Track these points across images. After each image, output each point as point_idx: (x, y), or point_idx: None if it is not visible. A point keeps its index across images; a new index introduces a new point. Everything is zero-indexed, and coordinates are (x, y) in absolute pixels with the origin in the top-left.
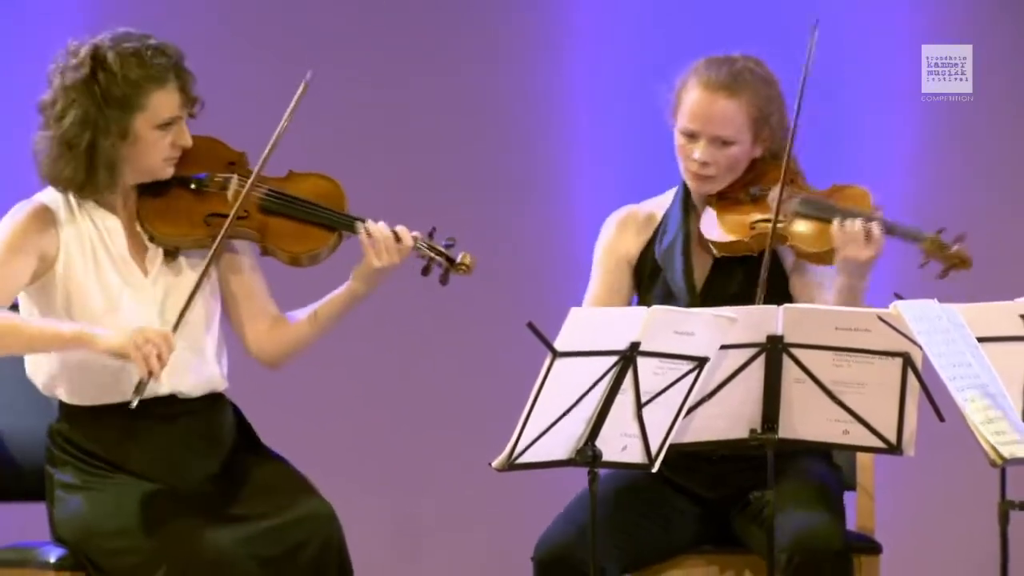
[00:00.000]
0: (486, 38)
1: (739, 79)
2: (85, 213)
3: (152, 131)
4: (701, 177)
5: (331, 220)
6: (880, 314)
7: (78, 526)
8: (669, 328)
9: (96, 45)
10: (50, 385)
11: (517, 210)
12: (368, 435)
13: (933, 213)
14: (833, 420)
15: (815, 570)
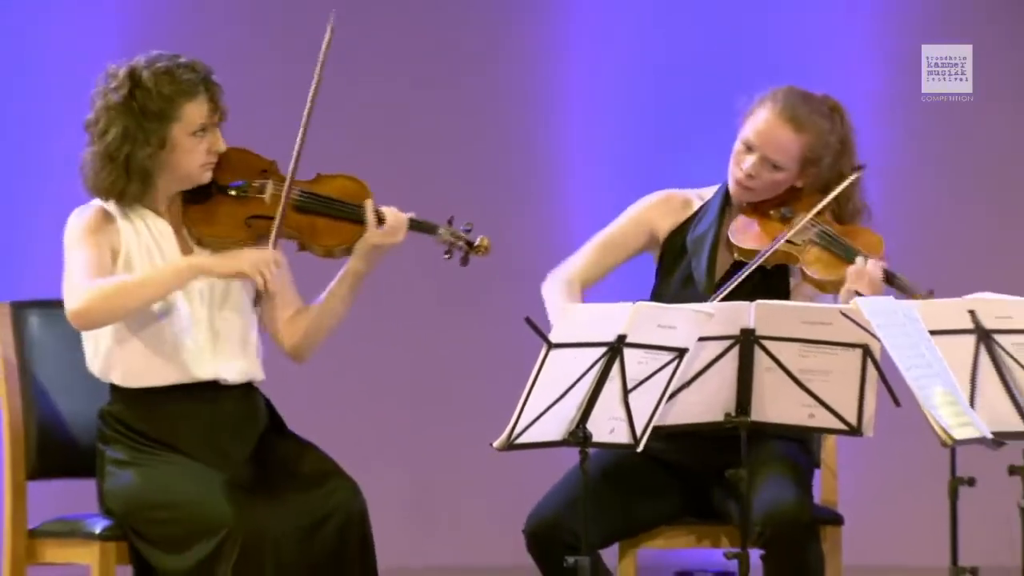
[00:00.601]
0: (488, 46)
1: (809, 120)
2: (139, 217)
3: (188, 138)
4: (744, 186)
5: (359, 215)
6: (842, 310)
7: (126, 498)
8: (652, 322)
9: (132, 67)
10: (106, 370)
11: (516, 210)
12: (383, 420)
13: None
14: (800, 405)
15: (785, 539)
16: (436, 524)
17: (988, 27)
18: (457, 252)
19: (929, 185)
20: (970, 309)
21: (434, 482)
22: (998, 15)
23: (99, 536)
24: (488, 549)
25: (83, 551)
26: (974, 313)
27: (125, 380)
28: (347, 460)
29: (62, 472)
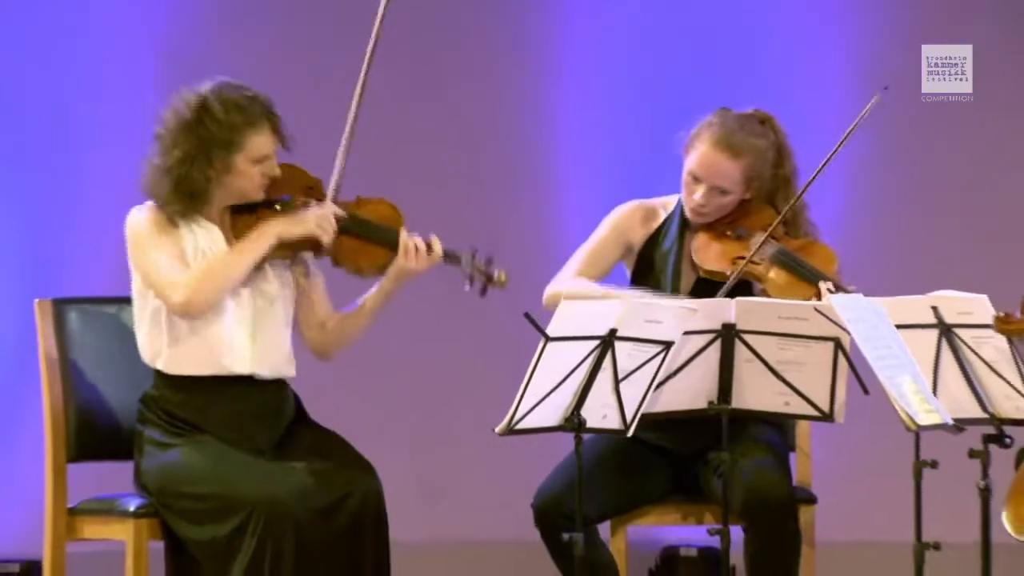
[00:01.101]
0: (485, 71)
1: (745, 143)
2: (193, 223)
3: (249, 165)
4: (697, 213)
5: (392, 240)
6: (815, 306)
7: (162, 476)
8: (641, 317)
9: (203, 96)
10: (154, 357)
11: (516, 219)
12: (398, 410)
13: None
14: (776, 393)
15: (766, 516)
16: (443, 502)
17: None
18: (478, 283)
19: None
20: (933, 305)
21: (442, 464)
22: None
23: (133, 514)
24: (490, 525)
25: (119, 528)
26: (936, 309)
27: (168, 367)
28: (365, 446)
29: (99, 455)
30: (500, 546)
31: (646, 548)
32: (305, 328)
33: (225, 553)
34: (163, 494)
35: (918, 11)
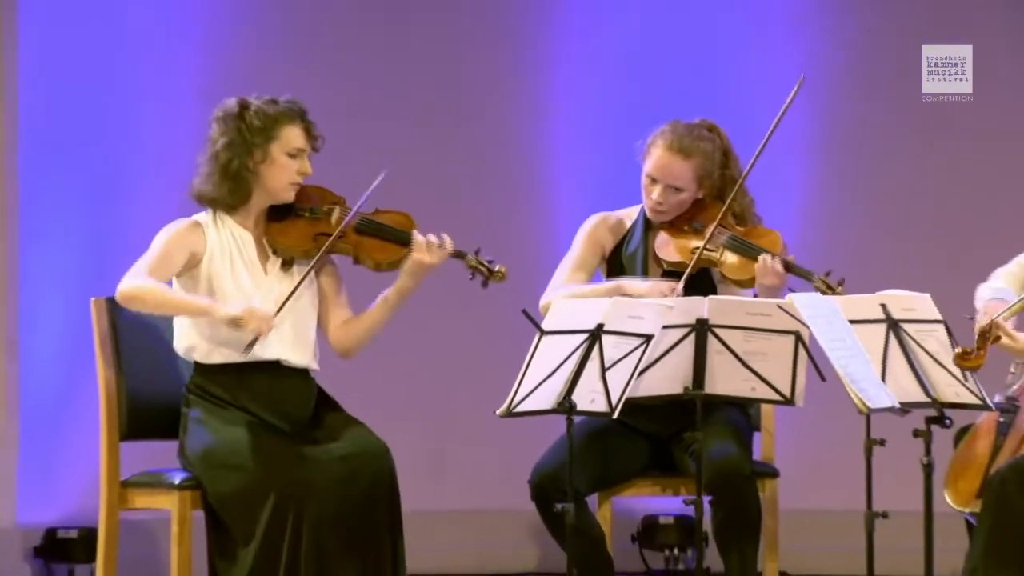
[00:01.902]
0: (487, 91)
1: (694, 146)
2: (227, 228)
3: (283, 157)
4: (657, 211)
5: (405, 239)
6: (779, 303)
7: (203, 449)
8: (625, 314)
9: (242, 97)
10: (189, 351)
11: (515, 227)
12: (409, 395)
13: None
14: (744, 380)
15: (730, 487)
16: (449, 476)
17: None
18: (479, 276)
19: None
20: (881, 303)
21: (448, 443)
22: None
23: (178, 486)
24: (491, 496)
25: (165, 498)
26: (885, 306)
27: (204, 358)
28: (379, 427)
29: (147, 434)
30: (499, 515)
31: (629, 517)
32: (329, 328)
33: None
34: (203, 465)
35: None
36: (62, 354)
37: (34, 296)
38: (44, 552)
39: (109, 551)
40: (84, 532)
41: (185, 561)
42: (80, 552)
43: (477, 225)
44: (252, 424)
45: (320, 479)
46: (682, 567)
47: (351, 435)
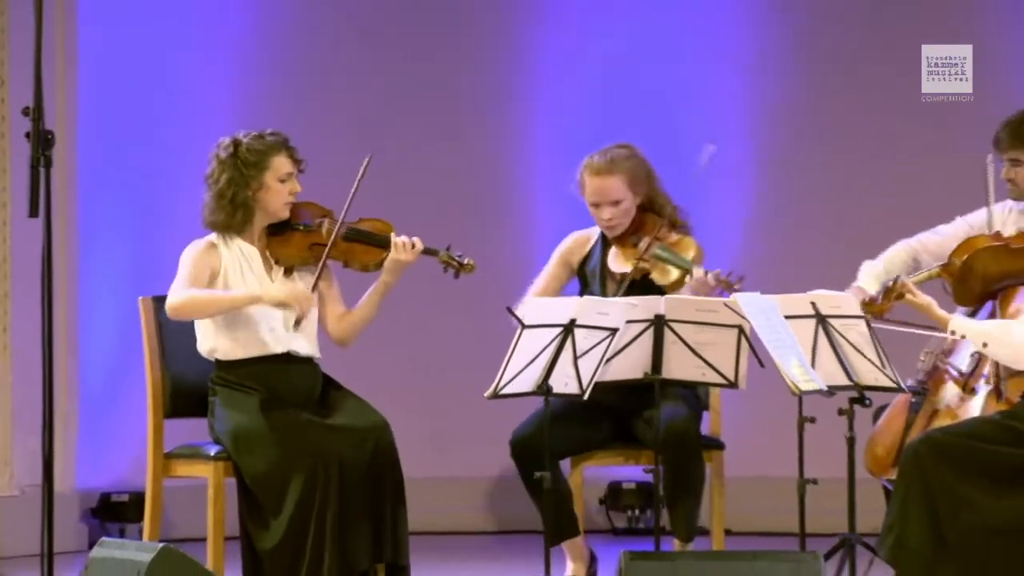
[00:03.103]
0: (472, 107)
1: (613, 162)
2: (236, 245)
3: (276, 182)
4: (610, 228)
5: (385, 243)
6: (724, 302)
7: (229, 432)
8: (594, 310)
9: (235, 137)
10: (211, 352)
11: (497, 234)
12: (406, 378)
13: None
14: (695, 366)
15: (678, 448)
16: (443, 447)
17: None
18: (451, 270)
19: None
20: (812, 301)
21: (442, 420)
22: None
23: (214, 457)
24: (479, 464)
25: (203, 468)
26: (815, 304)
27: (225, 356)
28: (382, 405)
29: (186, 413)
30: (487, 480)
31: (597, 483)
32: (328, 322)
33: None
34: (233, 446)
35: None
36: (114, 346)
37: (91, 296)
38: (99, 513)
39: (155, 512)
40: (134, 496)
41: (219, 521)
42: (130, 513)
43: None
44: (270, 407)
45: (334, 451)
46: (642, 526)
47: (355, 412)
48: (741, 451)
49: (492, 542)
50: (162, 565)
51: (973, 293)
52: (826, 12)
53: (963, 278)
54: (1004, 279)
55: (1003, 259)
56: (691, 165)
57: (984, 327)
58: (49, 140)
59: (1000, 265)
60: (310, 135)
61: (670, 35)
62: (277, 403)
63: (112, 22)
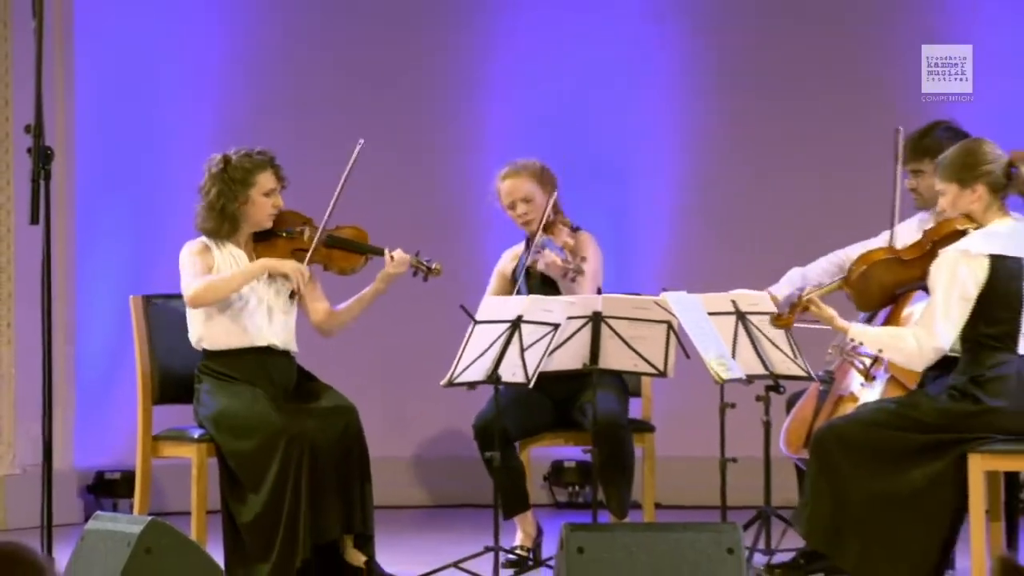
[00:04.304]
0: (439, 135)
1: (519, 165)
2: (226, 249)
3: (261, 197)
4: (526, 222)
5: (361, 249)
6: (655, 300)
7: (213, 416)
8: (539, 307)
9: (226, 154)
10: (199, 341)
11: (456, 239)
12: (373, 367)
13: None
14: (629, 358)
15: (612, 435)
16: (405, 430)
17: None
18: (421, 273)
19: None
20: (732, 299)
21: (403, 405)
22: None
23: (197, 440)
24: (439, 445)
25: (187, 449)
26: (735, 302)
27: (212, 346)
28: (349, 391)
29: (173, 400)
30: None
31: (541, 462)
32: (315, 317)
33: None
34: (216, 428)
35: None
36: (108, 340)
37: (87, 295)
38: (95, 490)
39: (144, 489)
40: (125, 474)
41: (202, 497)
42: (122, 490)
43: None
44: (251, 393)
45: (308, 433)
46: (581, 500)
47: (326, 398)
48: (670, 433)
49: (447, 515)
50: (151, 536)
51: (873, 302)
52: (755, 32)
53: (862, 289)
54: (899, 287)
55: (896, 270)
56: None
57: (879, 335)
58: (49, 155)
59: (894, 275)
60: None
61: (612, 57)
62: (257, 390)
63: (106, 47)
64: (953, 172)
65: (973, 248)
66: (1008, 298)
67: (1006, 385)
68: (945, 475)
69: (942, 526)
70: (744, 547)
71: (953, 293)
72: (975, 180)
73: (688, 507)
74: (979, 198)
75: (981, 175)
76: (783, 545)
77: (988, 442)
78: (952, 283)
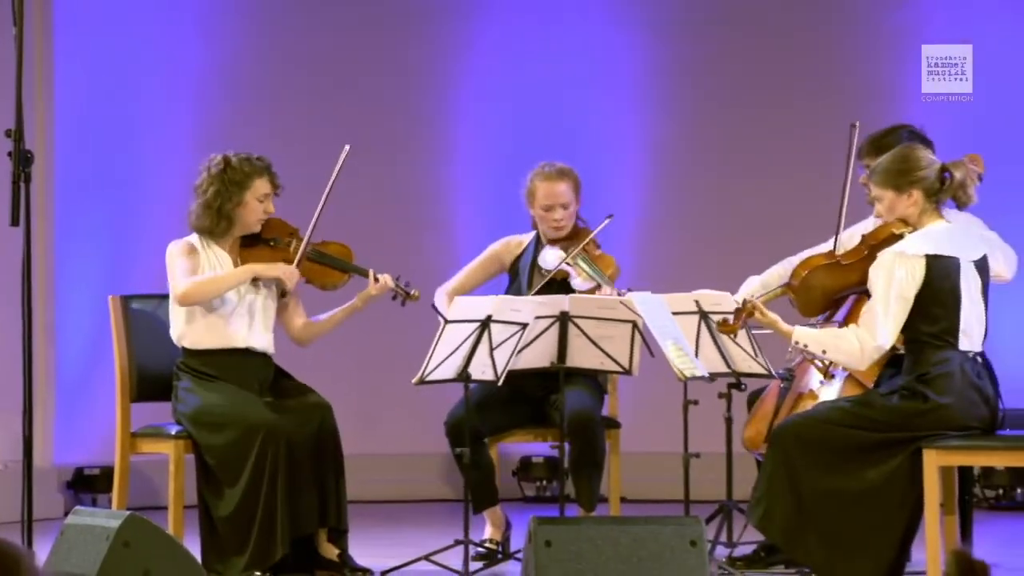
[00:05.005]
0: (401, 125)
1: (563, 171)
2: (212, 251)
3: (254, 201)
4: (559, 228)
5: (345, 267)
6: (620, 300)
7: (192, 412)
8: (508, 307)
9: (226, 156)
10: (180, 339)
11: (426, 240)
12: (345, 368)
13: None
14: (595, 356)
15: (584, 431)
16: (377, 428)
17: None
18: (400, 298)
19: None
20: (695, 299)
21: (376, 403)
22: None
23: (174, 436)
24: (407, 442)
25: (165, 445)
26: (698, 302)
27: (192, 344)
28: (324, 390)
29: (151, 398)
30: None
31: (510, 457)
32: (289, 327)
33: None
34: (193, 424)
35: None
36: (87, 339)
37: (67, 295)
38: (75, 485)
39: (122, 484)
40: (105, 470)
41: (179, 492)
42: (102, 485)
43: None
44: (229, 390)
45: (284, 429)
46: (549, 494)
47: (302, 396)
48: (635, 430)
49: (418, 509)
50: (129, 530)
51: (816, 306)
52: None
53: (805, 294)
54: (841, 291)
55: (837, 274)
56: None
57: (821, 336)
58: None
59: (835, 280)
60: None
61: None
62: (235, 388)
63: (86, 52)
64: (889, 178)
65: (910, 249)
66: (945, 295)
67: (951, 382)
68: (901, 471)
69: (900, 521)
70: (707, 540)
71: (892, 293)
72: (910, 186)
73: (653, 501)
74: (915, 203)
75: (916, 180)
76: (745, 538)
77: (942, 438)
78: (890, 284)
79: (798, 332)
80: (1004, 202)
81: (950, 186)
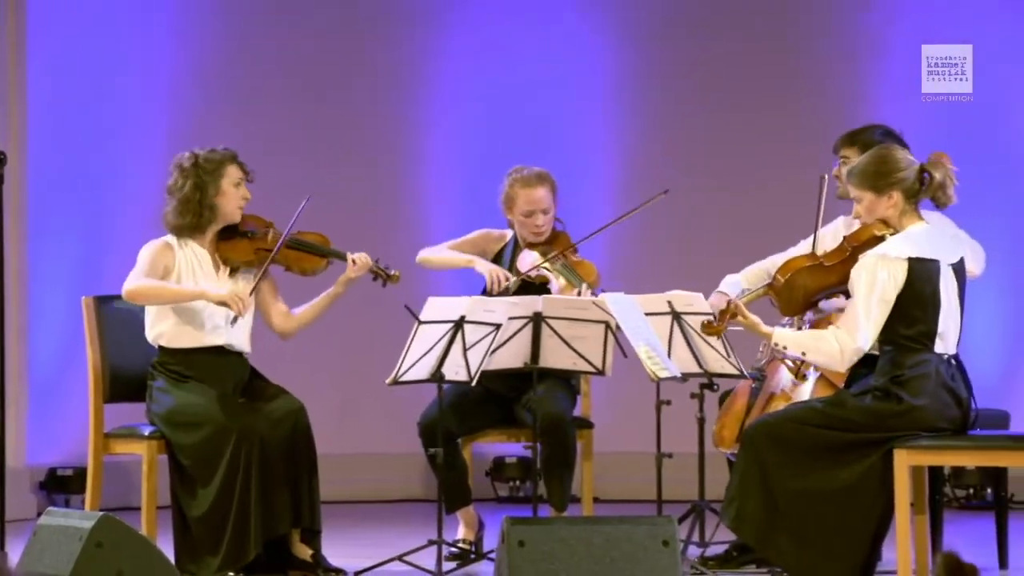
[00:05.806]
0: (387, 140)
1: (541, 176)
2: (189, 248)
3: (231, 187)
4: (540, 233)
5: (323, 252)
6: (594, 301)
7: (167, 411)
8: (481, 308)
9: (192, 151)
10: (157, 337)
11: (400, 240)
12: (321, 366)
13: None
14: (568, 357)
15: (555, 432)
16: (351, 427)
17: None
18: (380, 279)
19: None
20: (668, 300)
21: (349, 403)
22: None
23: (148, 437)
24: (380, 442)
25: (138, 446)
26: (671, 302)
27: (169, 343)
28: (298, 390)
29: (123, 398)
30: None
31: (483, 457)
32: (271, 318)
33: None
34: (167, 424)
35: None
36: (60, 339)
37: (40, 295)
38: (47, 486)
39: (95, 485)
40: (77, 471)
41: (152, 493)
42: (74, 486)
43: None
44: (203, 391)
45: (257, 430)
46: (522, 495)
47: (276, 397)
48: (608, 429)
49: (391, 509)
50: (102, 531)
51: (797, 307)
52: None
53: (787, 295)
54: (822, 292)
55: (818, 276)
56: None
57: (801, 338)
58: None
59: (817, 281)
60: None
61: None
62: (209, 388)
63: (58, 52)
64: (867, 180)
65: (892, 252)
66: (924, 299)
67: (925, 384)
68: (872, 472)
69: (871, 521)
70: (679, 540)
71: (873, 296)
72: (890, 187)
73: (625, 501)
74: (894, 204)
75: (895, 182)
76: (717, 538)
77: (913, 438)
78: (872, 286)
79: (778, 334)
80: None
81: (929, 187)
